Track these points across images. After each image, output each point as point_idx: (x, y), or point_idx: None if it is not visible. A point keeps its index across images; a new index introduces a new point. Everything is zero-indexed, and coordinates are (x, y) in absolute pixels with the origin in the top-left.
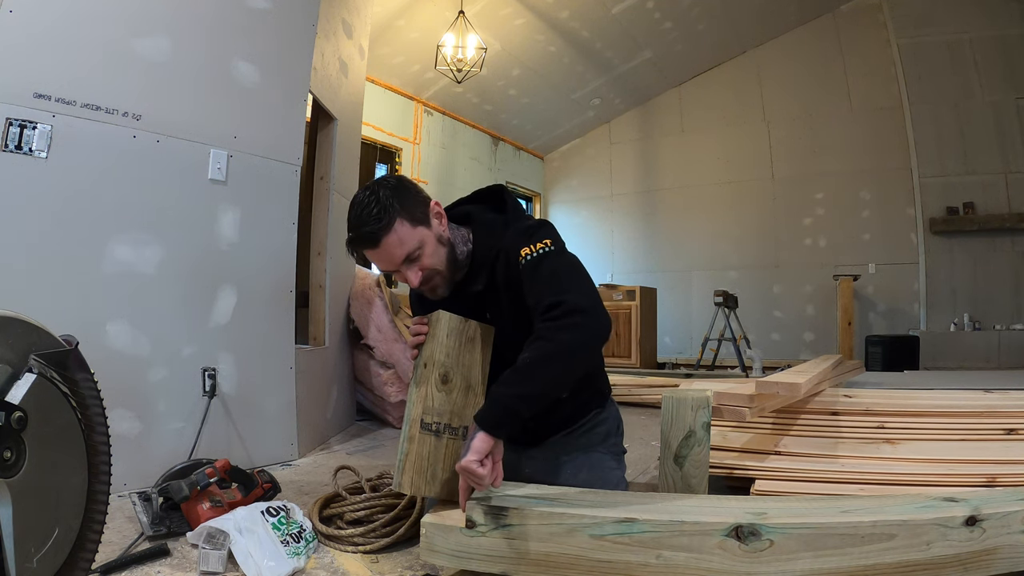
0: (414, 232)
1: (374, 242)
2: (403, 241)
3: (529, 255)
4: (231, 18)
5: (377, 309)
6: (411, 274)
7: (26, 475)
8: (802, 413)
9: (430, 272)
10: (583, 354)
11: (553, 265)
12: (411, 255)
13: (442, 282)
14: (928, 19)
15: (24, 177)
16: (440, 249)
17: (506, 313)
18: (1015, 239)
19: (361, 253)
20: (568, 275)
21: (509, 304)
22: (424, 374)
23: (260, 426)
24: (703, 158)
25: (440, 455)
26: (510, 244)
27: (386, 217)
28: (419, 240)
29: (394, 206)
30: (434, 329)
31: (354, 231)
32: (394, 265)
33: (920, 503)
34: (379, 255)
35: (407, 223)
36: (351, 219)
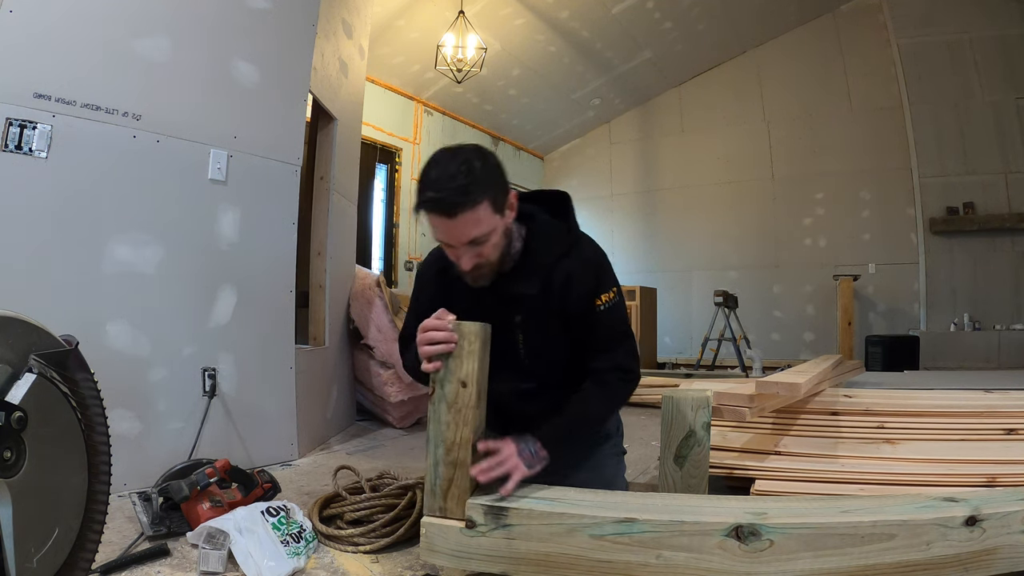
0: (492, 218)
1: (450, 212)
2: (480, 223)
3: (607, 302)
4: (231, 18)
5: (377, 309)
6: (467, 257)
7: (26, 475)
8: (802, 413)
9: (483, 262)
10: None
11: (622, 320)
12: (479, 239)
13: (488, 273)
14: (928, 19)
15: (24, 177)
16: (502, 241)
17: (547, 325)
18: (1015, 239)
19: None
20: (628, 333)
21: (556, 319)
22: (464, 395)
23: (260, 426)
24: (703, 158)
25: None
26: (579, 266)
27: (474, 194)
28: (492, 227)
29: (484, 186)
30: (470, 345)
31: (434, 192)
32: (458, 243)
33: (920, 503)
34: (448, 227)
35: (490, 207)
36: (433, 178)
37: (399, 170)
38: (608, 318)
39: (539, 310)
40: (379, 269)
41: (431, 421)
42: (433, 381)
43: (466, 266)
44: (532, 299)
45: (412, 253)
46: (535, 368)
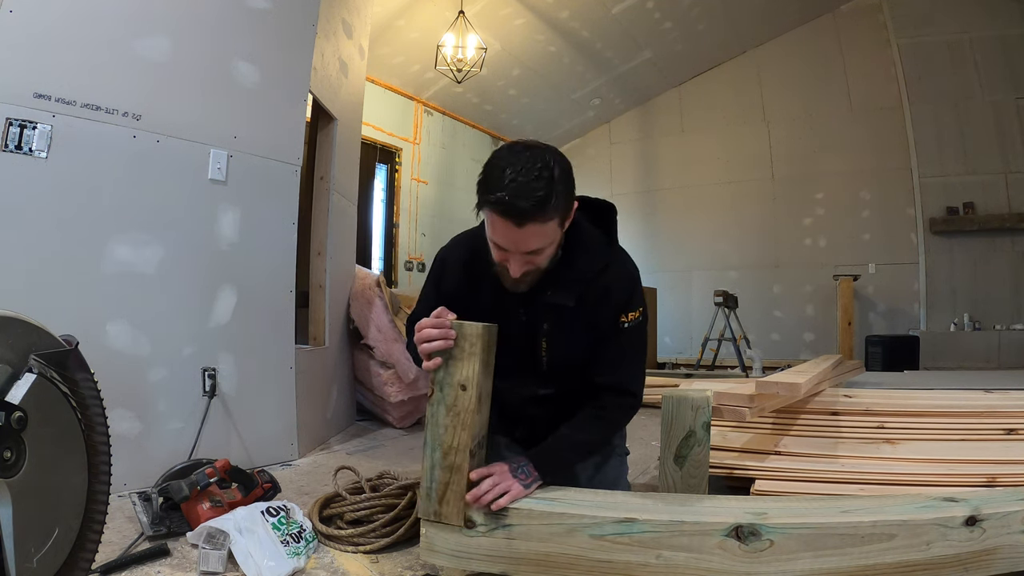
0: (555, 232)
1: (520, 220)
2: (544, 236)
3: (632, 321)
4: (231, 18)
5: (377, 309)
6: (518, 264)
7: (26, 475)
8: (802, 413)
9: (532, 269)
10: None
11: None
12: (538, 250)
13: (533, 280)
14: (928, 19)
15: (24, 177)
16: (554, 252)
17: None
18: (1015, 239)
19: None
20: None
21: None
22: (463, 398)
23: (260, 426)
24: (703, 158)
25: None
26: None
27: (549, 204)
28: (553, 240)
29: (560, 198)
30: (471, 347)
31: (508, 194)
32: (516, 250)
33: (920, 503)
34: (512, 233)
35: (558, 221)
36: (508, 177)
37: (399, 170)
38: (628, 337)
39: (569, 321)
40: (379, 269)
41: (428, 424)
42: (432, 383)
43: (516, 272)
44: (566, 310)
45: (412, 253)
46: (554, 376)
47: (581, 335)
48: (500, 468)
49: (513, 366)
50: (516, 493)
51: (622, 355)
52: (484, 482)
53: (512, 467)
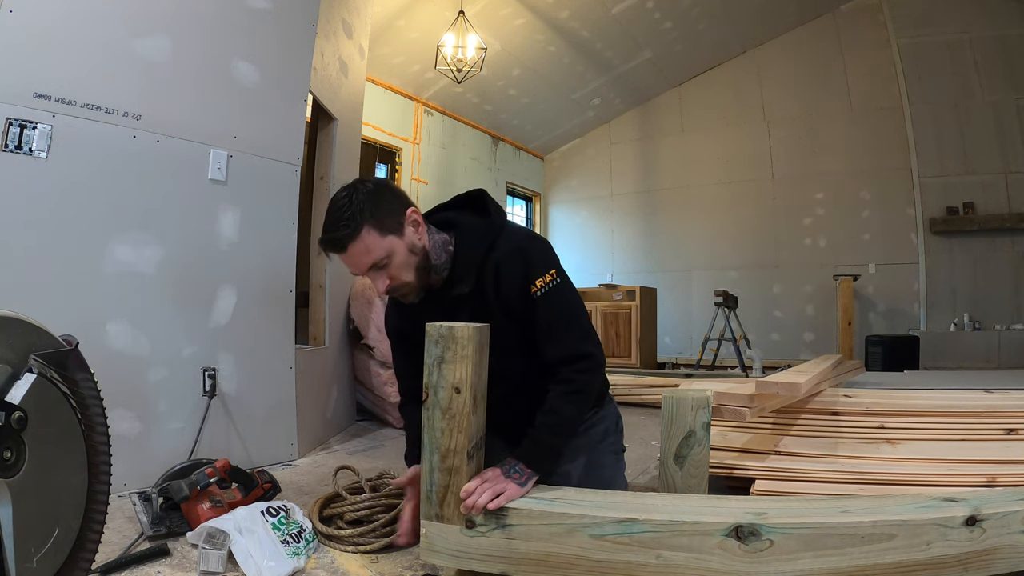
0: (382, 242)
1: (341, 248)
2: (370, 250)
3: (542, 288)
4: (231, 18)
5: (377, 309)
6: (379, 281)
7: (26, 475)
8: (802, 413)
9: (397, 283)
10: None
11: (564, 303)
12: (378, 263)
13: (411, 290)
14: (928, 19)
15: (24, 177)
16: (411, 258)
17: (495, 322)
18: (1015, 239)
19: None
20: (576, 315)
21: (501, 314)
22: (458, 401)
23: (260, 426)
24: (703, 158)
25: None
26: (504, 256)
27: (354, 224)
28: (387, 250)
29: (364, 213)
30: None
31: (325, 233)
32: (360, 271)
33: (920, 503)
34: (347, 260)
35: (375, 232)
36: (326, 219)
37: (399, 170)
38: (548, 303)
39: (481, 309)
40: None
41: (425, 428)
42: (426, 387)
43: (380, 289)
44: (470, 299)
45: None
46: (502, 368)
47: (500, 319)
48: (492, 472)
49: None
50: (512, 493)
51: (553, 323)
52: (476, 486)
53: (504, 469)
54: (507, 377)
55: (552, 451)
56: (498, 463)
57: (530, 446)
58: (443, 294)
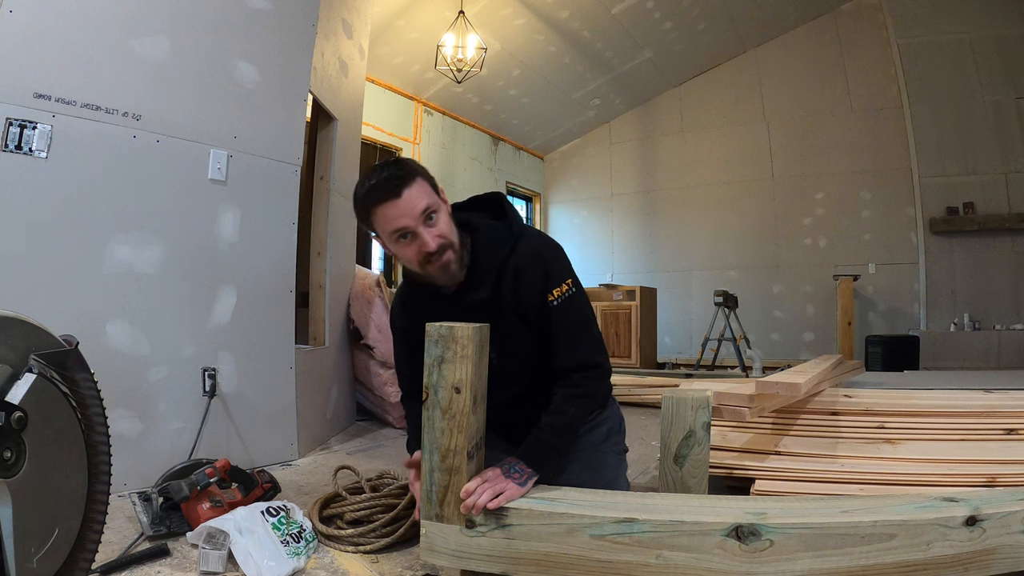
0: (432, 195)
1: (395, 191)
2: (423, 194)
3: (559, 297)
4: (231, 18)
5: (377, 309)
6: (429, 235)
7: (26, 475)
8: (802, 413)
9: (446, 242)
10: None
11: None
12: (430, 209)
13: (454, 259)
14: (928, 19)
15: (24, 177)
16: (454, 228)
17: (510, 327)
18: (1015, 239)
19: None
20: (589, 325)
21: (515, 319)
22: (458, 401)
23: (260, 426)
24: (703, 158)
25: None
26: (524, 262)
27: (408, 171)
28: (436, 202)
29: (415, 167)
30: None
31: (375, 180)
32: (414, 218)
33: (920, 503)
34: (399, 207)
35: (427, 184)
36: (368, 178)
37: None
38: (564, 312)
39: (497, 314)
40: (379, 269)
41: (425, 428)
42: (426, 387)
43: (431, 245)
44: (487, 304)
45: None
46: (513, 373)
47: (515, 325)
48: (492, 472)
49: None
50: (512, 493)
51: (567, 333)
52: (476, 486)
53: (504, 469)
54: (514, 381)
55: (554, 452)
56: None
57: (532, 446)
58: (457, 298)
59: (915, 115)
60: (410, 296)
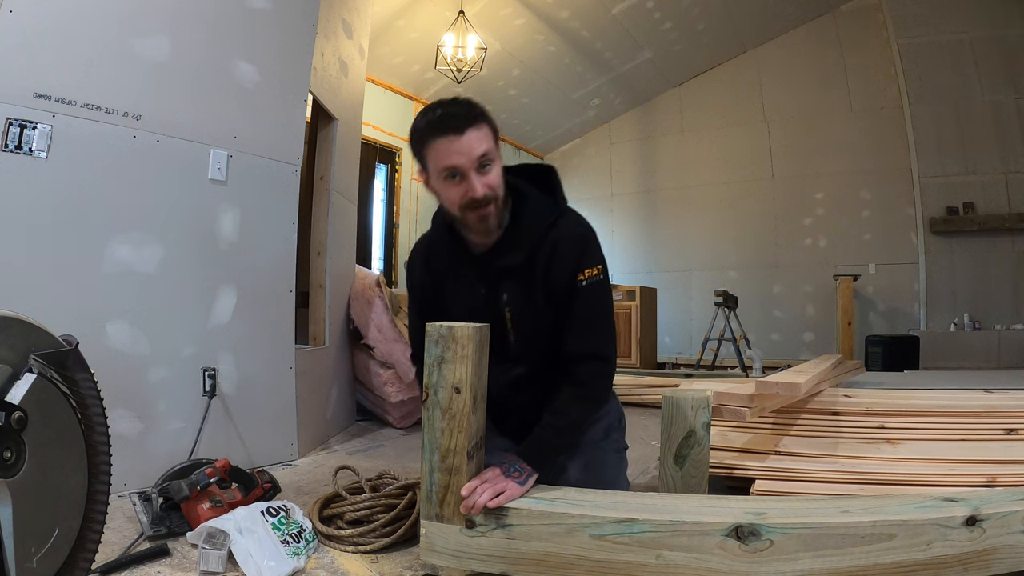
0: (492, 145)
1: (459, 128)
2: (485, 139)
3: (589, 279)
4: (231, 18)
5: (377, 309)
6: (479, 182)
7: (26, 475)
8: (802, 413)
9: (493, 193)
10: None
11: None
12: (486, 157)
13: (495, 213)
14: (928, 19)
15: (24, 177)
16: (502, 181)
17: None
18: (1015, 239)
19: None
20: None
21: (542, 294)
22: (458, 401)
23: (260, 426)
24: (703, 158)
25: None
26: (564, 237)
27: (477, 112)
28: (494, 152)
29: (487, 114)
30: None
31: (440, 112)
32: (470, 161)
33: (920, 503)
34: (458, 144)
35: (490, 133)
36: (432, 109)
37: (399, 170)
38: (590, 295)
39: (525, 284)
40: (379, 269)
41: (425, 427)
42: (426, 387)
43: (479, 191)
44: (519, 272)
45: None
46: (525, 350)
47: (542, 303)
48: (492, 472)
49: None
50: (512, 492)
51: (588, 318)
52: (476, 485)
53: (504, 468)
54: (521, 361)
55: (555, 453)
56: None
57: (533, 445)
58: (488, 259)
59: (915, 115)
60: (433, 252)
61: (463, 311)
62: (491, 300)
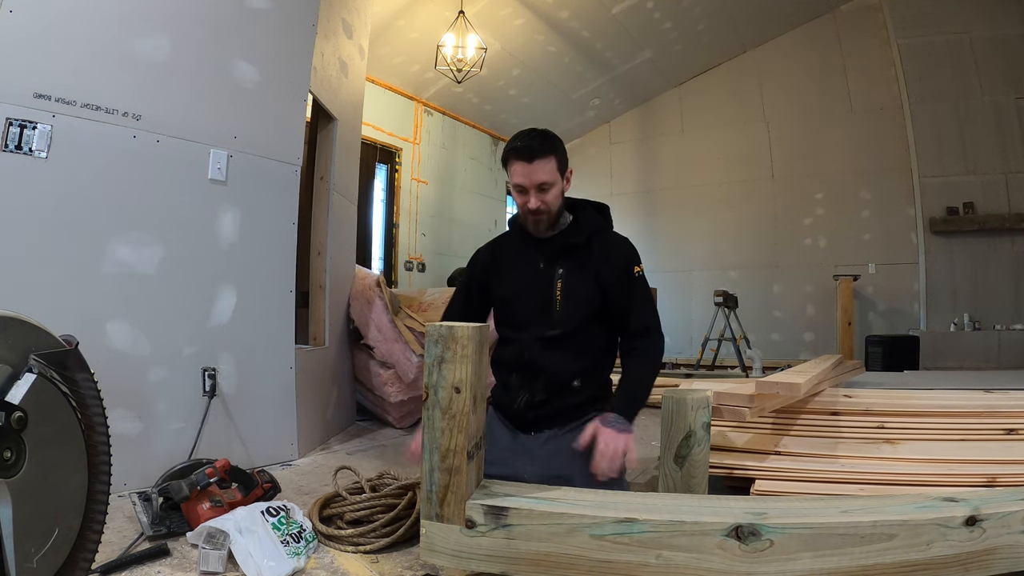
0: (556, 173)
1: (530, 156)
2: (548, 172)
3: (640, 272)
4: (231, 18)
5: (377, 309)
6: (534, 198)
7: (26, 475)
8: (802, 413)
9: (545, 208)
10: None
11: (649, 290)
12: (545, 185)
13: (546, 220)
14: (928, 19)
15: (24, 177)
16: (560, 200)
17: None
18: (1015, 239)
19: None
20: (652, 300)
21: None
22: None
23: (260, 426)
24: (703, 158)
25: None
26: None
27: (549, 147)
28: (555, 180)
29: (557, 147)
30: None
31: (521, 141)
32: (530, 184)
33: (920, 503)
34: (525, 170)
35: (556, 165)
36: (520, 137)
37: (399, 170)
38: (643, 285)
39: (580, 265)
40: (379, 269)
41: (425, 427)
42: (426, 386)
43: (532, 205)
44: (578, 251)
45: (412, 253)
46: (566, 318)
47: (592, 283)
48: (599, 430)
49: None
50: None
51: (644, 301)
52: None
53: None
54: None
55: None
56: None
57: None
58: (554, 240)
59: (915, 115)
60: (502, 242)
61: (521, 281)
62: (547, 272)
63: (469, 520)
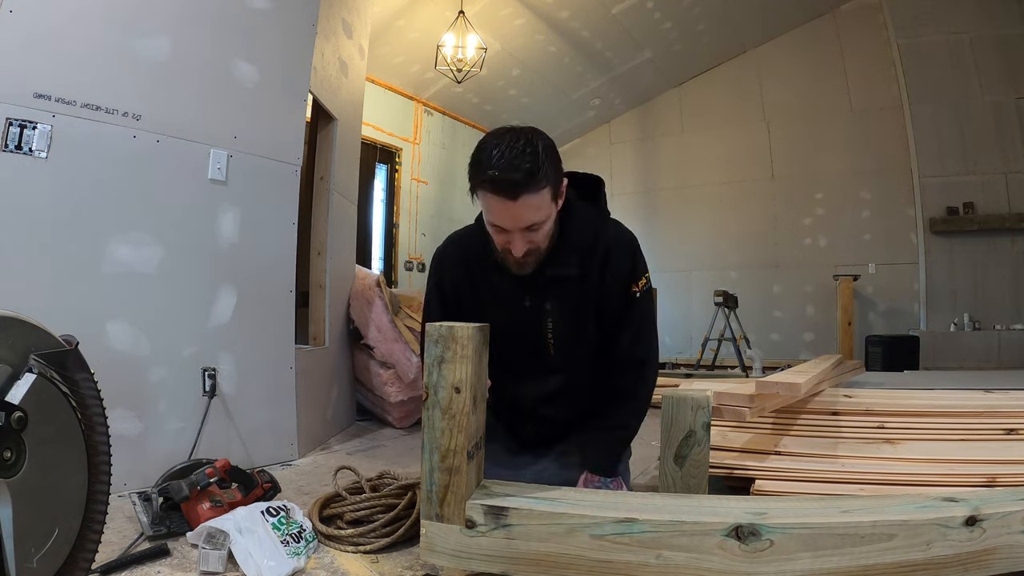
0: (549, 206)
1: (513, 193)
2: (539, 208)
3: (642, 289)
4: (231, 18)
5: (377, 309)
6: (520, 242)
7: (26, 475)
8: (802, 413)
9: (535, 248)
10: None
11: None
12: (535, 225)
13: (535, 261)
14: (928, 19)
15: (24, 177)
16: (552, 229)
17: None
18: (1015, 239)
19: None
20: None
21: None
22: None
23: (260, 426)
24: (703, 158)
25: (474, 472)
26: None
27: (539, 176)
28: (548, 215)
29: (548, 172)
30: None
31: (498, 172)
32: (514, 227)
33: (920, 503)
34: (508, 209)
35: (549, 194)
36: (495, 157)
37: (399, 170)
38: (645, 304)
39: (575, 296)
40: (379, 269)
41: (425, 427)
42: (426, 386)
43: (518, 251)
44: (570, 281)
45: (412, 253)
46: (562, 362)
47: (588, 311)
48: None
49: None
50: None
51: (643, 325)
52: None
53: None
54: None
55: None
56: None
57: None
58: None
59: (915, 115)
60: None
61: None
62: (535, 311)
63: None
